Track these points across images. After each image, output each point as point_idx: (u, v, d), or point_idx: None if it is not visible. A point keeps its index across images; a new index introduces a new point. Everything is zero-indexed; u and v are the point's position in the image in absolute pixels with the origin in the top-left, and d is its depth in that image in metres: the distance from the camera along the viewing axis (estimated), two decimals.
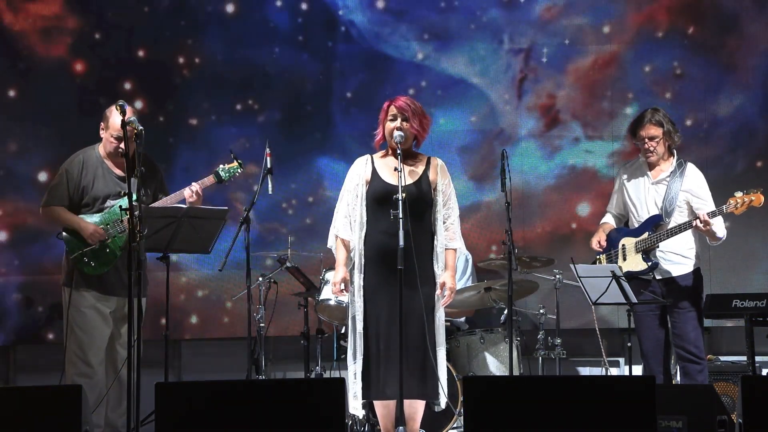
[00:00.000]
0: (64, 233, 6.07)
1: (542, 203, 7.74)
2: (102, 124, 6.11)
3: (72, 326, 6.05)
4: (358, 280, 5.52)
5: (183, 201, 6.07)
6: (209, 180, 6.15)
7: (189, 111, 7.71)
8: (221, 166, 6.22)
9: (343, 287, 5.51)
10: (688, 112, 7.57)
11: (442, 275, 5.53)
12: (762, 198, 5.95)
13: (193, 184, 6.08)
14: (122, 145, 5.74)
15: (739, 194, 5.98)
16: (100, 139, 6.16)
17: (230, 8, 7.70)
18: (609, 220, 6.51)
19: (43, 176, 7.52)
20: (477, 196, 7.70)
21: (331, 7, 7.71)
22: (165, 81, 7.71)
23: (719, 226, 6.07)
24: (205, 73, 7.70)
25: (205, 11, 7.71)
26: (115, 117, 5.90)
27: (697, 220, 5.98)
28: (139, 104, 7.56)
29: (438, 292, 5.51)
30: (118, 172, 6.09)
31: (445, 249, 5.56)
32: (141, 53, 7.68)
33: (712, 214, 5.98)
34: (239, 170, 6.24)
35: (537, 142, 7.71)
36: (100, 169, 6.10)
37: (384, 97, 5.69)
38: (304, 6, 7.71)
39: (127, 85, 7.63)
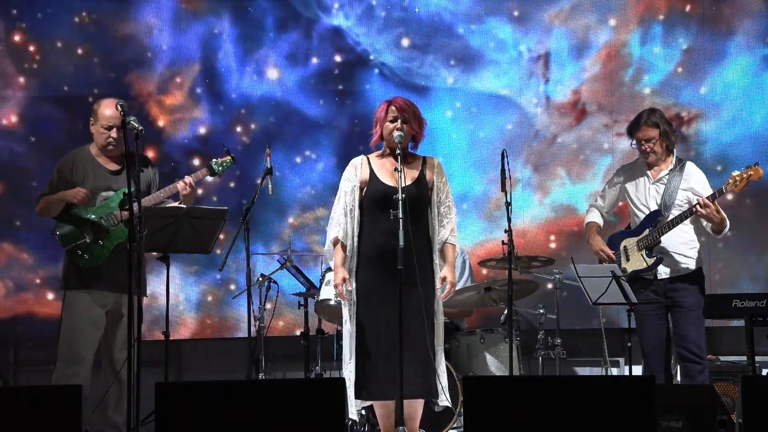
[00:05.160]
0: (58, 231, 6.03)
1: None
2: (91, 119, 6.14)
3: (64, 327, 6.01)
4: (353, 281, 5.53)
5: (177, 194, 6.12)
6: (202, 173, 6.25)
7: (255, 172, 7.99)
8: (214, 160, 6.33)
9: (347, 288, 5.51)
10: (702, 82, 7.95)
11: (442, 270, 5.55)
12: (761, 171, 5.98)
13: (186, 177, 6.13)
14: (113, 134, 5.98)
15: (736, 172, 5.98)
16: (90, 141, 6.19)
17: (273, 74, 8.13)
18: (595, 218, 6.50)
19: None
20: (527, 195, 8.06)
21: (362, 54, 8.15)
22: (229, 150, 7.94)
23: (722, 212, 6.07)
24: (262, 135, 8.06)
25: (252, 81, 8.12)
26: (103, 108, 6.03)
27: (698, 205, 5.97)
28: None
29: (438, 285, 5.52)
30: (111, 167, 6.12)
31: (445, 243, 5.58)
32: (202, 131, 8.07)
33: (713, 197, 5.98)
34: (232, 164, 6.39)
35: (571, 136, 8.05)
36: (92, 164, 6.10)
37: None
38: (338, 58, 8.14)
39: (196, 161, 7.95)
